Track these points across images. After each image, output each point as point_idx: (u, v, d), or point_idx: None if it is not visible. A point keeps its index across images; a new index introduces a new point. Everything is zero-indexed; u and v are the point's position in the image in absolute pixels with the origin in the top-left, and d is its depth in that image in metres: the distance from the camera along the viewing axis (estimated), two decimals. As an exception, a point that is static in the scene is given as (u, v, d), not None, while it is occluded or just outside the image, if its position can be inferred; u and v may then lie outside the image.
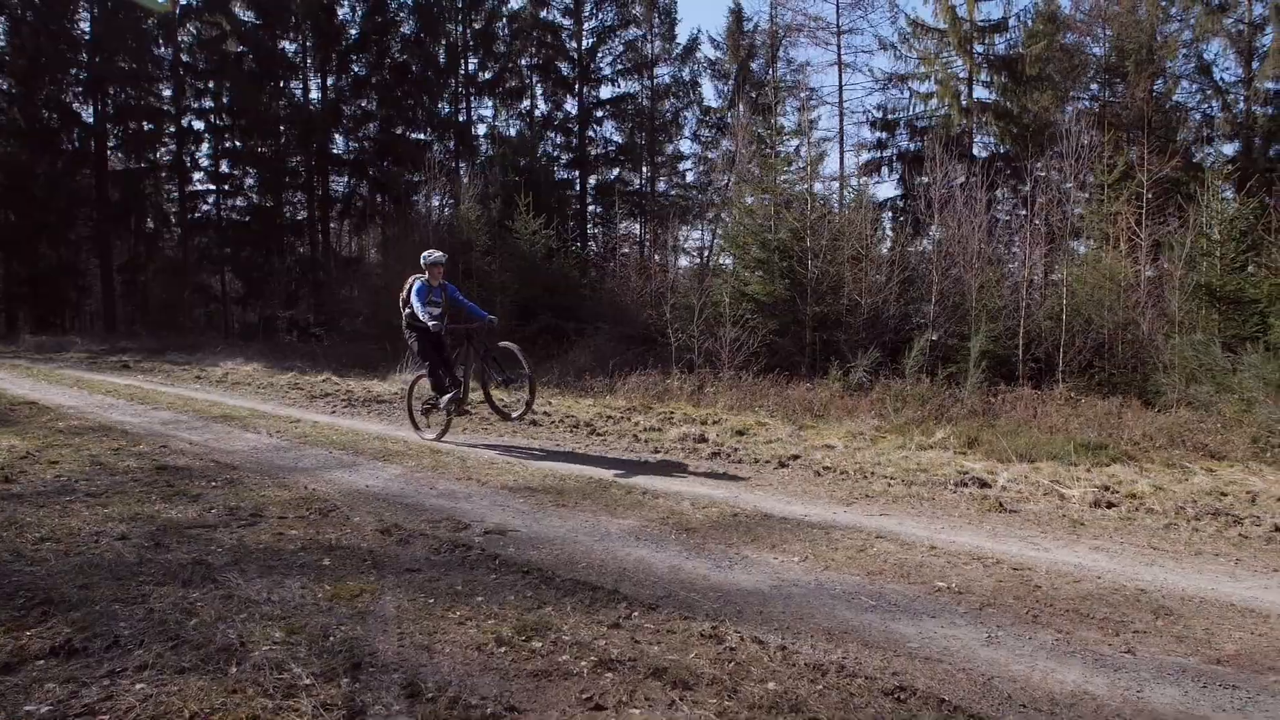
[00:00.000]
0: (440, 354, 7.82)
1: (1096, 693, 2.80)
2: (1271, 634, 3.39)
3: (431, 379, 7.92)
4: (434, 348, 7.76)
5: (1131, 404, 10.44)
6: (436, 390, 7.92)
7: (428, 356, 7.82)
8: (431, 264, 7.71)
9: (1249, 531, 5.28)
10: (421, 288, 7.63)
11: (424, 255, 7.85)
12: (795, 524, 4.95)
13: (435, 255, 7.81)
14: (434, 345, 7.74)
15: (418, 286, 7.61)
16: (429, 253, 7.88)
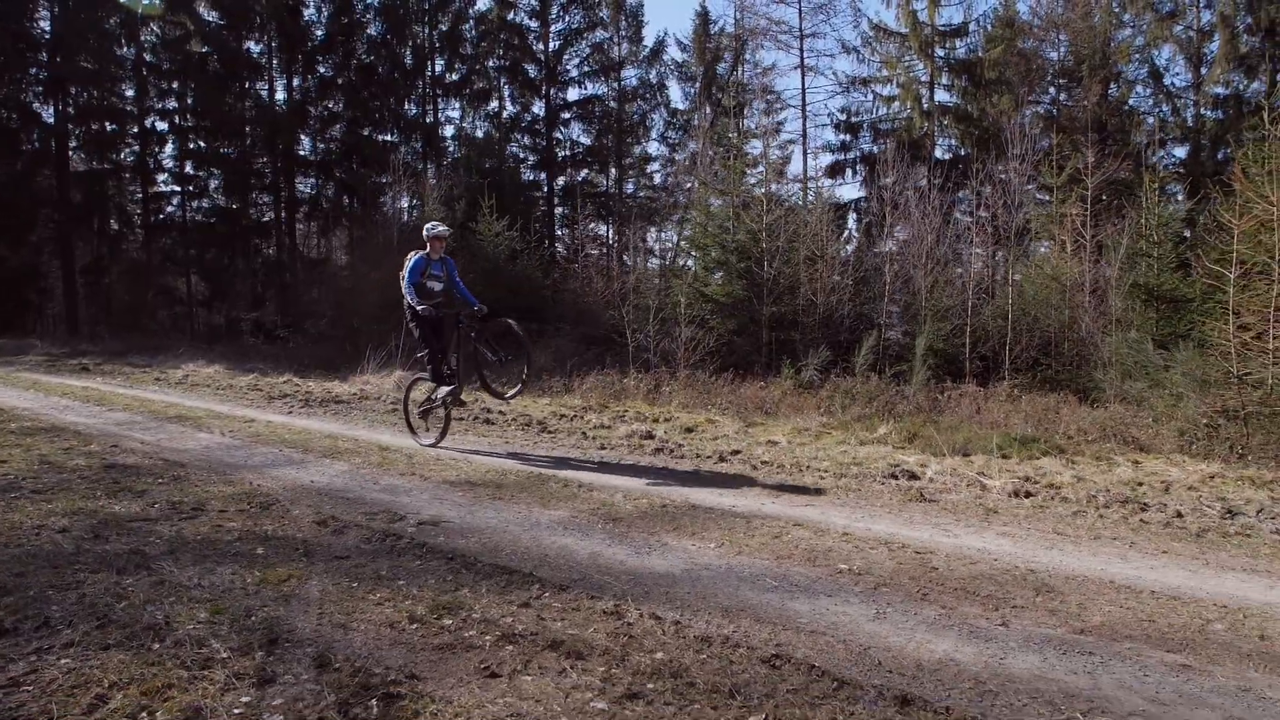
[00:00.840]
0: (440, 339, 7.49)
1: (962, 660, 3.05)
2: (1139, 608, 3.67)
3: (432, 369, 7.60)
4: (434, 333, 7.42)
5: (1068, 400, 10.81)
6: (435, 379, 7.63)
7: (428, 343, 7.46)
8: (434, 236, 7.36)
9: (1151, 518, 5.60)
10: (419, 262, 7.28)
11: (426, 227, 7.51)
12: (720, 514, 5.18)
13: (439, 228, 7.45)
14: (433, 330, 7.40)
15: (414, 261, 7.27)
16: (432, 224, 7.52)
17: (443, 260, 7.51)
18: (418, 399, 8.25)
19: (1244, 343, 9.37)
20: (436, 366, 7.54)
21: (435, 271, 7.44)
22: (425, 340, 7.47)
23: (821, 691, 2.69)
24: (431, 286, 7.42)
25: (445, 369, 7.55)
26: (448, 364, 7.55)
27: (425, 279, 7.36)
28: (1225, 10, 23.78)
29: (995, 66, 27.40)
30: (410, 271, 7.23)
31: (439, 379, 7.60)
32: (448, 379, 7.56)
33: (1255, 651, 3.19)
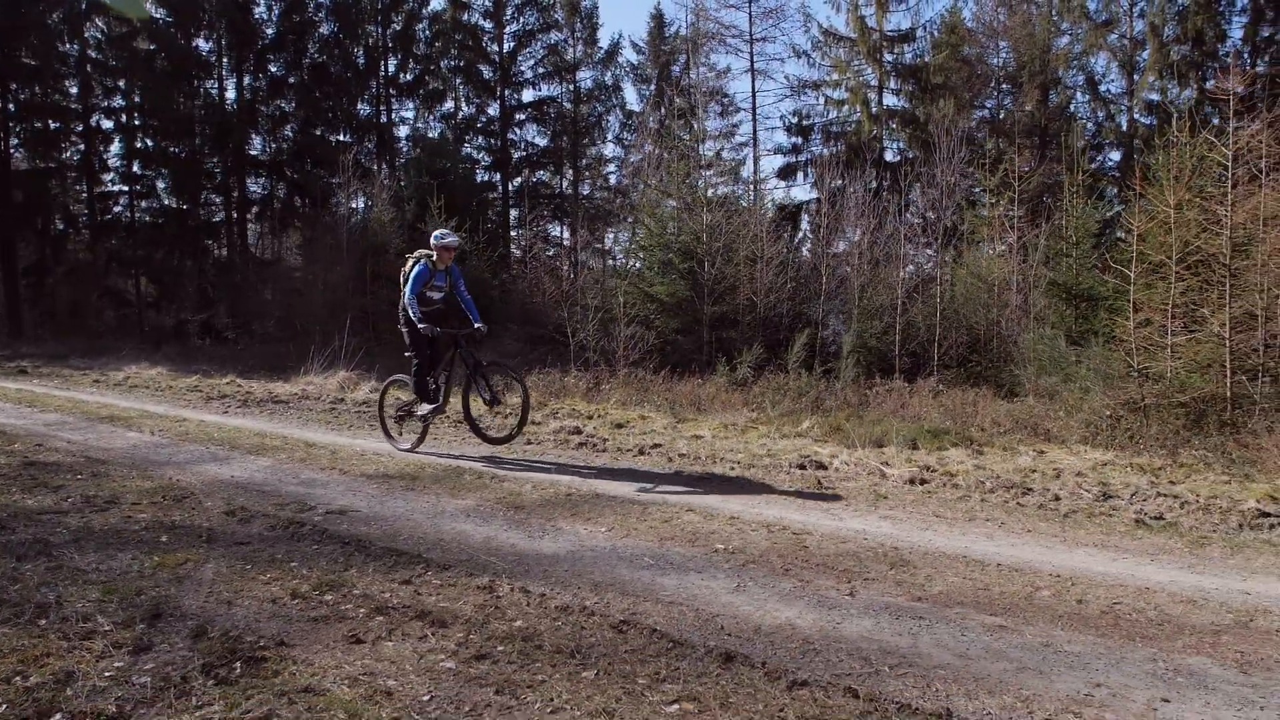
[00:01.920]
0: (431, 354, 7.25)
1: (800, 625, 3.34)
2: (980, 579, 4.00)
3: (416, 380, 7.27)
4: (427, 345, 7.18)
5: (986, 394, 11.27)
6: (419, 394, 7.28)
7: (418, 354, 7.18)
8: (442, 246, 7.02)
9: (1028, 501, 5.98)
10: (423, 271, 6.94)
11: (435, 234, 7.11)
12: (621, 501, 5.45)
13: (450, 238, 7.09)
14: (426, 341, 7.13)
15: (419, 269, 6.93)
16: (441, 232, 7.13)
17: (448, 270, 7.19)
18: (393, 401, 8.01)
19: (1144, 338, 9.89)
20: (422, 381, 7.24)
21: (439, 282, 7.16)
22: (415, 350, 7.17)
23: (656, 651, 2.96)
24: (431, 296, 7.14)
25: (431, 385, 7.27)
26: (435, 380, 7.28)
27: (427, 289, 7.05)
28: (1155, 20, 24.68)
29: (940, 72, 28.05)
30: (414, 280, 6.90)
31: (422, 394, 7.29)
32: (431, 395, 7.27)
33: (1068, 613, 3.53)
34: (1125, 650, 3.14)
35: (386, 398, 7.97)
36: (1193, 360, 9.85)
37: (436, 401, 7.24)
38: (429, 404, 7.23)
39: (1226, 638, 3.29)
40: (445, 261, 7.12)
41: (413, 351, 7.18)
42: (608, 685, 2.67)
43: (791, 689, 2.67)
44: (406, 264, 7.19)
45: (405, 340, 7.23)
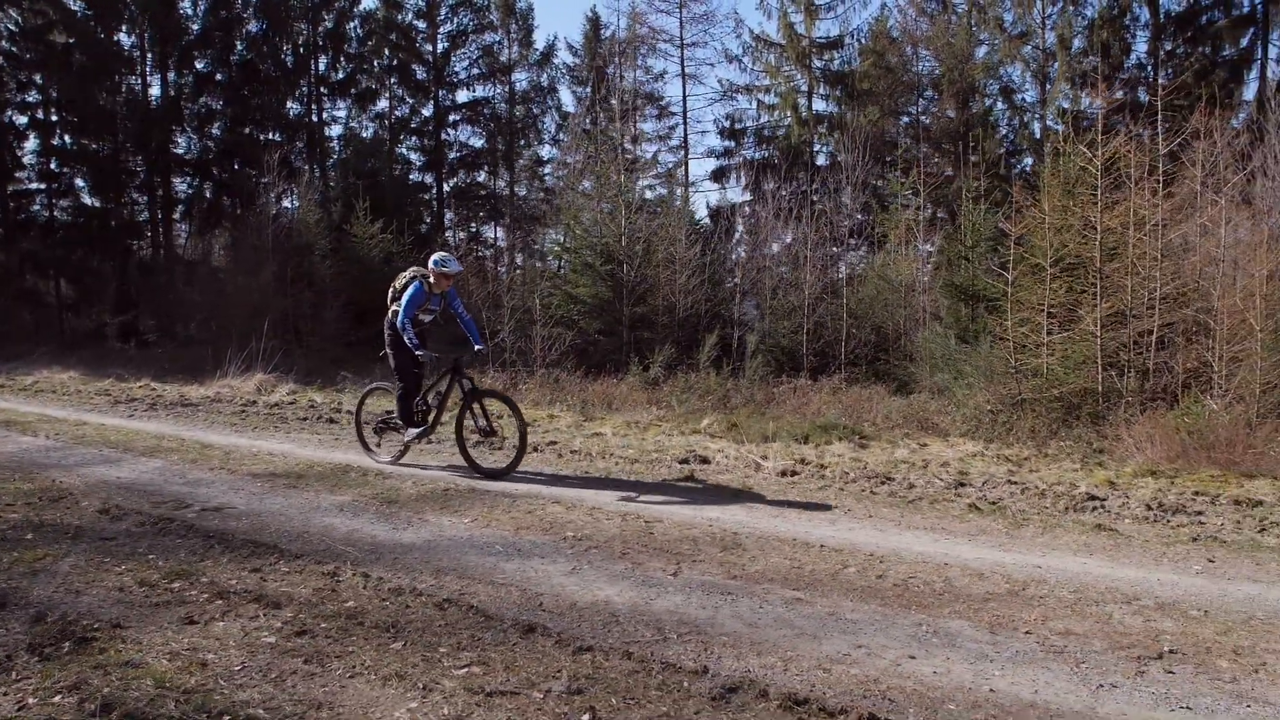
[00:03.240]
0: (419, 377, 6.96)
1: (615, 601, 3.67)
2: (799, 558, 4.38)
3: (401, 405, 6.90)
4: (415, 366, 6.85)
5: (883, 391, 11.83)
6: (404, 419, 6.92)
7: (405, 377, 6.85)
8: (443, 274, 6.66)
9: (882, 489, 6.43)
10: (418, 293, 6.59)
11: (434, 259, 6.72)
12: (494, 495, 5.73)
13: (451, 265, 6.73)
14: (415, 363, 6.80)
15: (413, 291, 6.59)
16: (443, 258, 6.74)
17: (444, 294, 6.85)
18: (372, 410, 7.75)
19: (1022, 336, 10.53)
20: (408, 404, 6.88)
21: (433, 306, 6.83)
22: (402, 373, 6.83)
23: (467, 625, 3.26)
24: (422, 319, 6.79)
25: (420, 407, 6.92)
26: (424, 403, 6.94)
27: (421, 311, 6.72)
28: (1063, 33, 25.84)
29: (866, 79, 28.84)
30: (408, 303, 6.56)
31: (407, 418, 6.91)
32: (418, 419, 6.92)
33: (864, 587, 3.93)
34: (899, 617, 3.54)
35: (364, 407, 7.63)
36: (1066, 357, 10.52)
37: (424, 425, 6.87)
38: (414, 428, 6.87)
39: (993, 604, 3.72)
40: (442, 287, 6.75)
41: (399, 373, 6.84)
42: (410, 654, 2.95)
43: (576, 654, 2.99)
44: (399, 280, 6.88)
45: (390, 362, 6.89)
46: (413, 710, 2.52)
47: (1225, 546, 4.91)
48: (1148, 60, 26.83)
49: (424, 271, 6.76)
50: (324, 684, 2.71)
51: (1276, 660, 3.17)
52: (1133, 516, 5.72)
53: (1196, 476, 7.31)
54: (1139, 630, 3.43)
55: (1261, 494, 6.55)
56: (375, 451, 7.28)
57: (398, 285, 6.88)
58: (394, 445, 7.22)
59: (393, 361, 6.86)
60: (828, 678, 2.90)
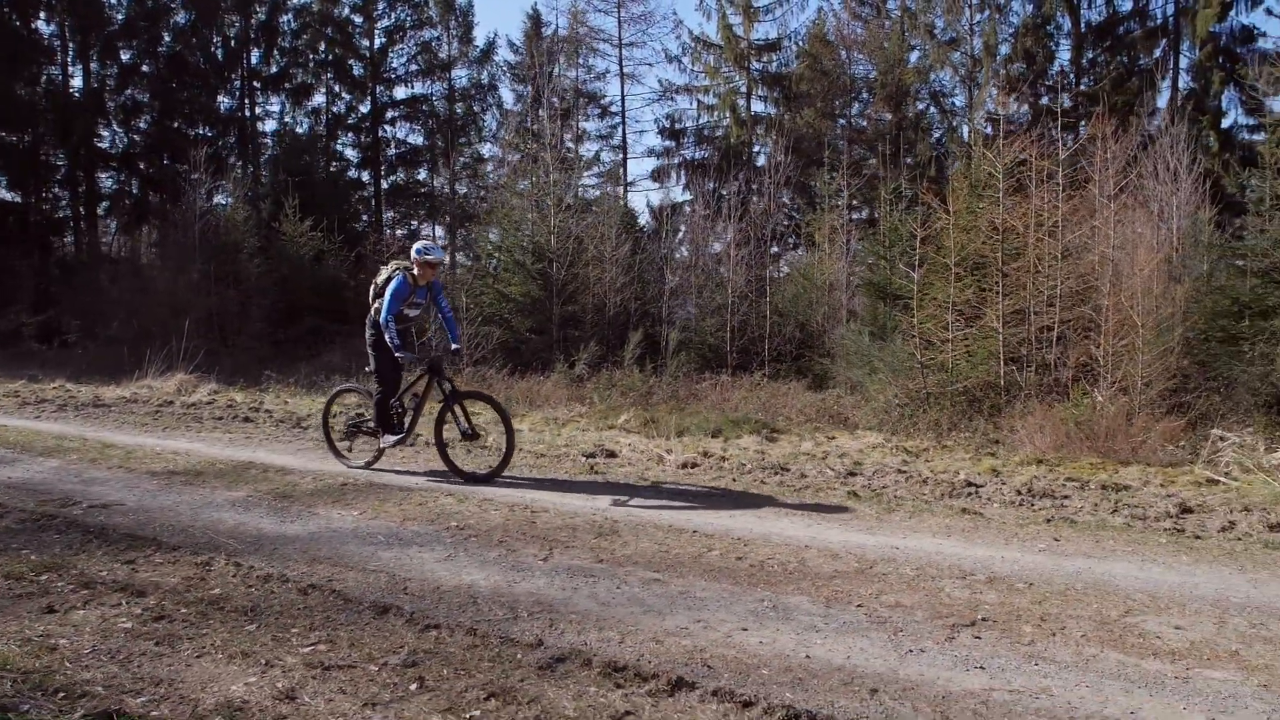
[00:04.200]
0: (399, 380, 6.64)
1: (478, 585, 3.84)
2: (669, 544, 4.61)
3: (379, 407, 6.54)
4: (396, 368, 6.55)
5: (801, 386, 12.19)
6: (381, 423, 6.55)
7: (385, 379, 6.52)
8: (426, 262, 6.38)
9: (771, 478, 6.71)
10: (401, 286, 6.27)
11: (417, 247, 6.49)
12: (390, 489, 5.86)
13: (434, 253, 6.51)
14: (396, 364, 6.51)
15: (396, 284, 6.27)
16: (425, 245, 6.50)
17: (429, 286, 6.55)
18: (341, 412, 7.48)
19: (927, 333, 10.96)
20: (385, 407, 6.55)
21: (418, 299, 6.53)
22: (381, 373, 6.51)
23: (325, 608, 3.40)
24: (407, 313, 6.50)
25: (396, 409, 6.61)
26: (399, 404, 6.63)
27: (405, 305, 6.41)
28: (989, 41, 26.74)
29: (803, 81, 29.38)
30: (391, 297, 6.23)
31: (384, 422, 6.56)
32: (396, 424, 6.60)
33: (721, 568, 4.17)
34: (746, 594, 3.78)
35: (333, 409, 7.29)
36: (971, 353, 10.98)
37: (401, 432, 6.55)
38: (392, 434, 6.52)
39: (838, 581, 3.99)
40: (427, 278, 6.46)
41: (378, 375, 6.52)
42: (262, 635, 3.09)
43: (423, 631, 3.16)
44: (380, 274, 6.58)
45: (370, 362, 6.60)
46: (250, 684, 2.67)
47: (1075, 527, 5.28)
48: (1070, 68, 27.81)
49: (406, 264, 6.46)
50: (170, 663, 2.83)
51: (1075, 624, 3.48)
52: (1002, 501, 6.08)
53: (1077, 464, 7.74)
54: (963, 602, 3.72)
55: (1130, 480, 7.00)
56: (346, 457, 6.90)
57: (379, 281, 6.54)
58: (366, 450, 6.89)
59: (373, 363, 6.55)
60: (658, 649, 3.11)
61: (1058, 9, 27.09)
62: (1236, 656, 3.20)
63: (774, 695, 2.70)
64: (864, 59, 30.03)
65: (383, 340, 6.30)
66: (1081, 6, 27.07)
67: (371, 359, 6.54)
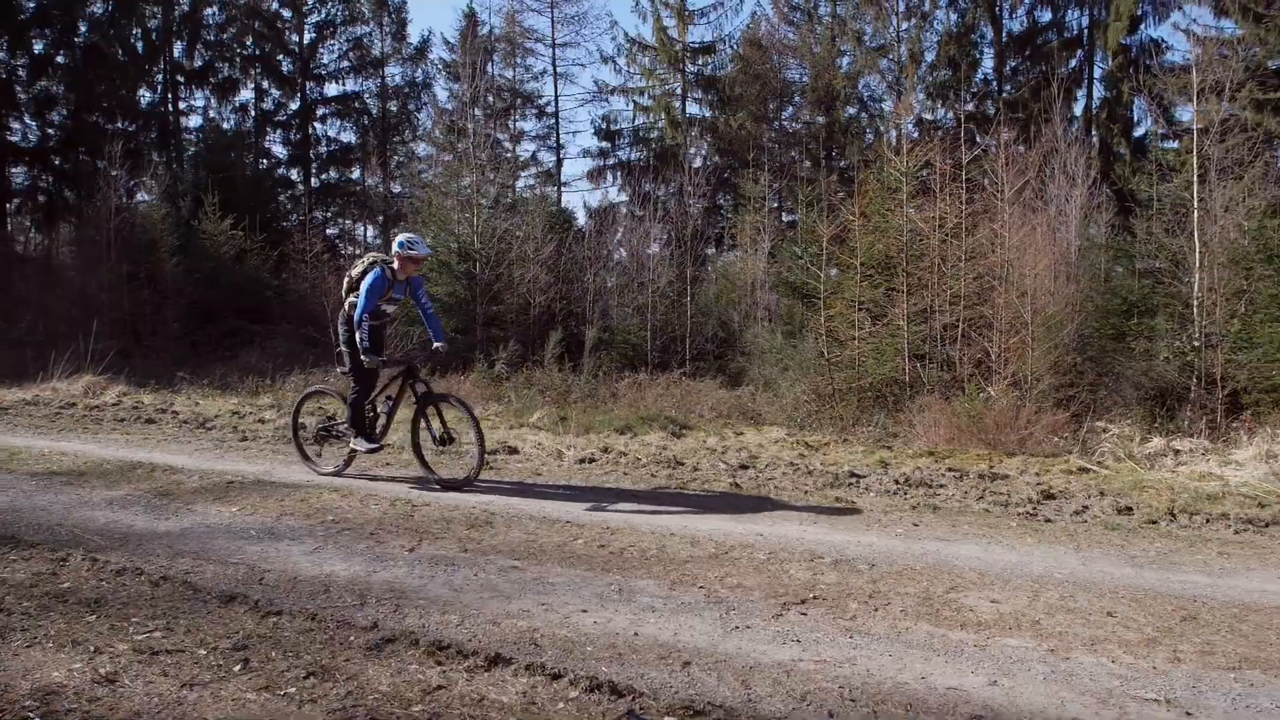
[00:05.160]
0: (374, 383, 6.31)
1: (338, 575, 3.93)
2: (539, 533, 4.75)
3: (354, 410, 6.24)
4: (368, 377, 6.22)
5: (713, 384, 12.46)
6: (355, 427, 6.24)
7: (360, 379, 6.21)
8: (409, 258, 6.06)
9: (664, 472, 6.90)
10: (378, 281, 5.96)
11: (400, 240, 6.11)
12: (276, 486, 5.89)
13: (418, 248, 6.14)
14: (367, 374, 6.20)
15: (373, 279, 5.95)
16: (409, 239, 6.14)
17: (408, 282, 6.24)
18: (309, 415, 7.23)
19: (833, 331, 11.32)
20: (360, 412, 6.26)
21: (396, 295, 6.22)
22: (357, 374, 6.18)
23: (173, 598, 3.46)
24: (385, 309, 6.21)
25: (370, 414, 6.35)
26: (372, 407, 6.36)
27: (382, 301, 6.10)
28: (914, 49, 27.54)
29: (736, 85, 29.79)
30: (368, 293, 5.91)
31: (359, 427, 6.26)
32: (369, 429, 6.32)
33: (582, 555, 4.32)
34: (598, 579, 3.94)
35: (302, 412, 6.95)
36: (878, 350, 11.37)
37: (376, 440, 6.28)
38: (367, 441, 6.23)
39: (690, 565, 4.18)
40: (408, 273, 6.15)
41: (354, 374, 6.20)
42: (100, 624, 3.14)
43: (264, 618, 3.25)
44: (355, 268, 6.24)
45: (344, 362, 6.26)
46: (73, 670, 2.73)
47: (937, 513, 5.58)
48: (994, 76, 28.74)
49: (385, 256, 6.17)
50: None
51: (900, 601, 3.73)
52: (879, 491, 6.37)
53: (965, 456, 8.10)
54: (802, 583, 3.95)
55: (1009, 470, 7.36)
56: (315, 462, 6.62)
57: (354, 274, 6.19)
58: (337, 455, 6.65)
59: (348, 362, 6.20)
60: (494, 629, 3.25)
61: (980, 18, 27.96)
62: (1036, 625, 3.47)
63: (586, 669, 2.86)
64: (796, 63, 30.64)
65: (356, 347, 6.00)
66: (1003, 16, 27.98)
67: (346, 358, 6.22)
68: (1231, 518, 5.60)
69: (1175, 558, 4.60)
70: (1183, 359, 10.91)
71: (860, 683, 2.87)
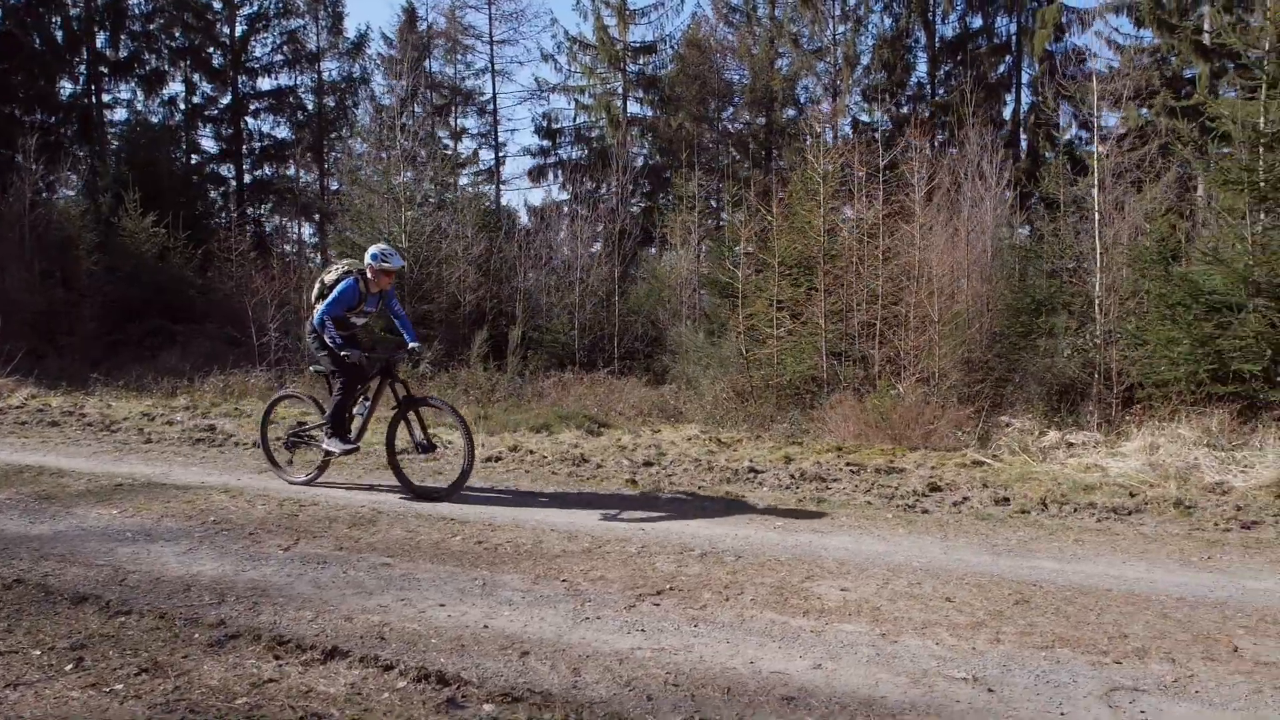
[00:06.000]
0: (362, 376, 6.09)
1: (204, 574, 3.96)
2: (420, 530, 4.82)
3: (336, 412, 5.97)
4: (355, 368, 5.99)
5: (637, 382, 12.61)
6: (335, 430, 5.97)
7: (348, 384, 5.96)
8: (383, 270, 5.87)
9: (565, 470, 7.02)
10: (349, 290, 5.79)
11: (373, 251, 5.90)
12: (165, 488, 5.86)
13: (393, 260, 5.90)
14: (355, 369, 5.98)
15: (344, 289, 5.79)
16: (383, 250, 5.92)
17: (381, 295, 6.06)
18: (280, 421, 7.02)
19: (750, 329, 11.55)
20: (341, 415, 6.01)
21: (368, 308, 6.07)
22: (344, 377, 5.95)
23: (21, 600, 3.47)
24: (354, 321, 6.06)
25: (348, 419, 6.09)
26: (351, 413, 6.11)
27: (352, 313, 5.96)
28: (848, 52, 28.09)
29: (677, 85, 30.00)
30: (334, 300, 5.77)
31: (338, 428, 5.99)
32: (346, 431, 6.05)
33: (457, 552, 4.41)
34: (464, 574, 4.03)
35: (271, 418, 6.71)
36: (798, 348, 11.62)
37: (352, 441, 6.01)
38: (343, 443, 5.94)
39: (560, 560, 4.29)
40: (381, 286, 5.97)
41: (340, 375, 5.96)
42: (-66, 627, 3.14)
43: (111, 617, 3.28)
44: (328, 274, 6.04)
45: (326, 366, 6.05)
46: (-108, 673, 2.73)
47: (821, 505, 5.79)
48: (927, 80, 29.44)
49: (360, 266, 5.94)
50: None
51: (754, 590, 3.89)
52: (773, 485, 6.57)
53: (870, 451, 8.35)
54: (664, 575, 4.09)
55: (907, 464, 7.61)
56: (286, 470, 6.38)
57: (326, 280, 5.98)
58: (309, 462, 6.39)
59: (329, 365, 5.98)
60: (345, 624, 3.33)
61: (914, 23, 28.62)
62: (877, 611, 3.66)
63: (423, 660, 2.95)
64: (736, 64, 30.99)
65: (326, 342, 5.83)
66: (936, 22, 28.66)
67: (325, 361, 6.00)
68: (1098, 507, 5.89)
69: (1033, 545, 4.85)
70: (1085, 356, 11.38)
71: (690, 669, 3.01)
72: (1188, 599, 3.82)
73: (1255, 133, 9.44)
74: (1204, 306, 9.48)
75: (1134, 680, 2.98)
